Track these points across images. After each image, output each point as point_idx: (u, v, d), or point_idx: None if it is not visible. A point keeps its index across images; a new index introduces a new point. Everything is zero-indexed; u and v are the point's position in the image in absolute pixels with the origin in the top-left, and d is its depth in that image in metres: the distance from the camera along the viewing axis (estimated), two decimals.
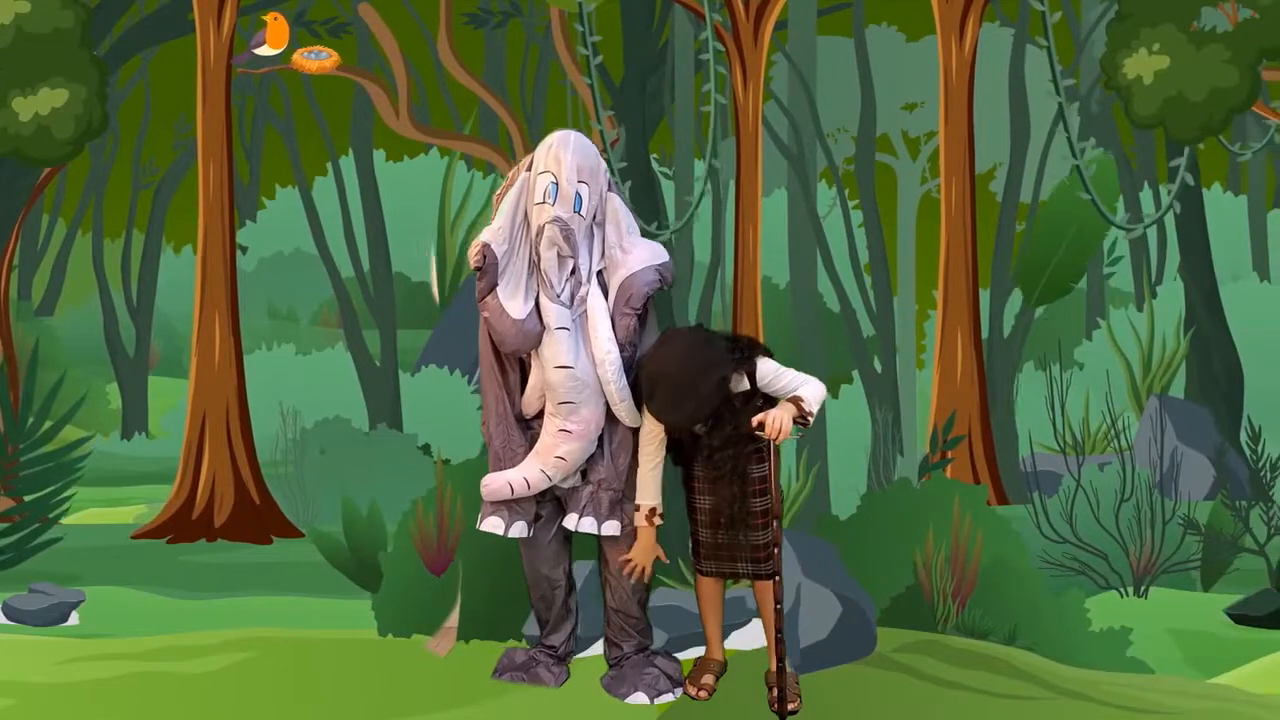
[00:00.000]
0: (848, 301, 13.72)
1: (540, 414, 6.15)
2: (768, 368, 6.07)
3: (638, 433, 6.11)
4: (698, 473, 6.15)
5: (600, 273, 6.11)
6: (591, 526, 6.13)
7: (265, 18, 12.04)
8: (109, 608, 8.78)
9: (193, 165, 11.87)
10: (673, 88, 13.54)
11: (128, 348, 17.01)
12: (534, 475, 6.09)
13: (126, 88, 16.94)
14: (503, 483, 6.12)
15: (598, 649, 6.48)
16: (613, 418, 6.09)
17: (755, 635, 6.53)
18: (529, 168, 6.12)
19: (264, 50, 11.99)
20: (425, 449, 12.53)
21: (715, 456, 6.05)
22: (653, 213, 12.12)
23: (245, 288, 12.25)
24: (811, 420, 5.99)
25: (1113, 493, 9.51)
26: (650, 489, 6.12)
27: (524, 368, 6.17)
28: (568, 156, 6.01)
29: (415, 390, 14.79)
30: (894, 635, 6.83)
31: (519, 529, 6.18)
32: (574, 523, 6.15)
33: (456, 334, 15.43)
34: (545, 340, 6.03)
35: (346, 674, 6.56)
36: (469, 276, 16.35)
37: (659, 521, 6.13)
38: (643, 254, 6.10)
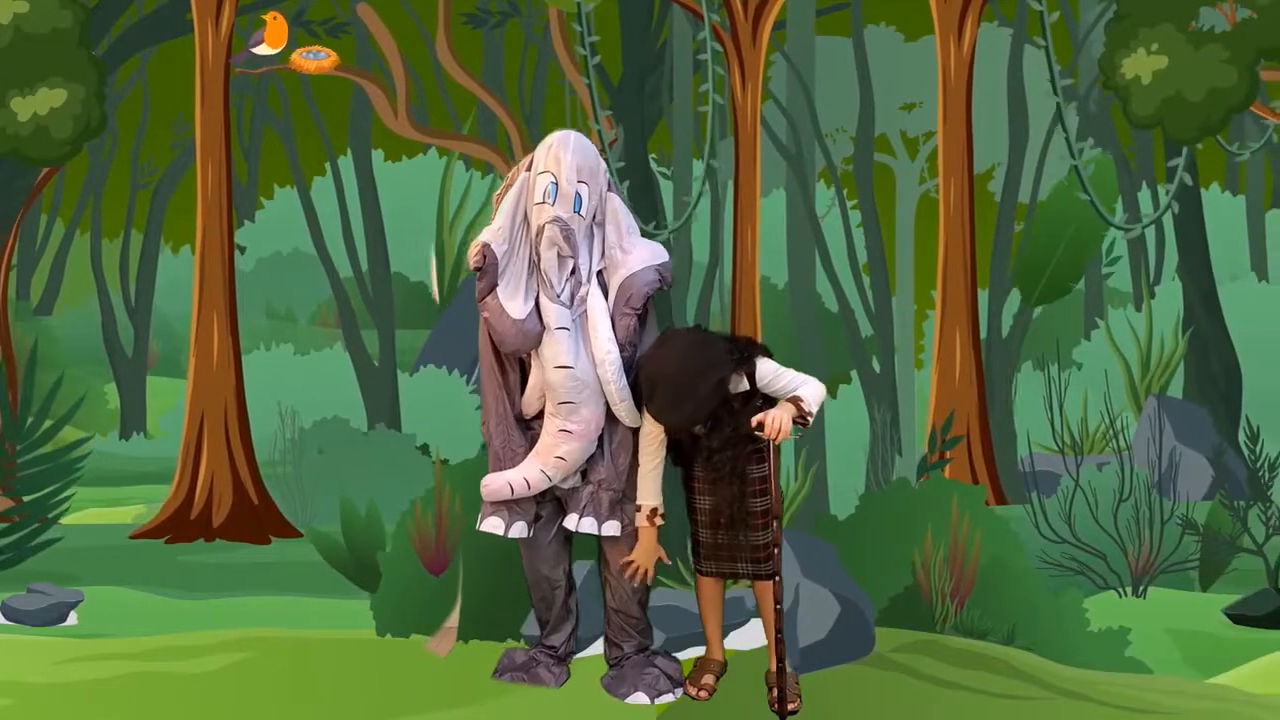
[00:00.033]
0: (846, 301, 13.71)
1: (540, 414, 6.14)
2: (767, 368, 6.06)
3: (638, 433, 6.11)
4: (697, 473, 6.14)
5: (600, 273, 6.10)
6: (592, 527, 6.12)
7: (265, 17, 12.04)
8: (107, 608, 8.78)
9: (191, 165, 11.85)
10: (671, 88, 13.54)
11: (126, 348, 16.99)
12: (534, 475, 6.08)
13: (125, 88, 16.93)
14: (503, 483, 6.11)
15: (598, 649, 6.48)
16: (613, 418, 6.08)
17: (755, 635, 6.53)
18: (529, 168, 6.12)
19: (262, 49, 11.99)
20: (423, 449, 12.52)
21: (715, 457, 6.04)
22: (651, 213, 12.13)
23: (244, 288, 12.24)
24: (811, 420, 5.98)
25: (1111, 493, 9.51)
26: (651, 489, 6.12)
27: (524, 368, 6.17)
28: (568, 156, 6.01)
29: (413, 390, 14.78)
30: (892, 635, 6.83)
31: (519, 529, 6.18)
32: (574, 523, 6.15)
33: (455, 334, 15.42)
34: (545, 340, 6.03)
35: (345, 674, 6.56)
36: (467, 276, 16.34)
37: (660, 522, 6.13)
38: (643, 254, 6.10)
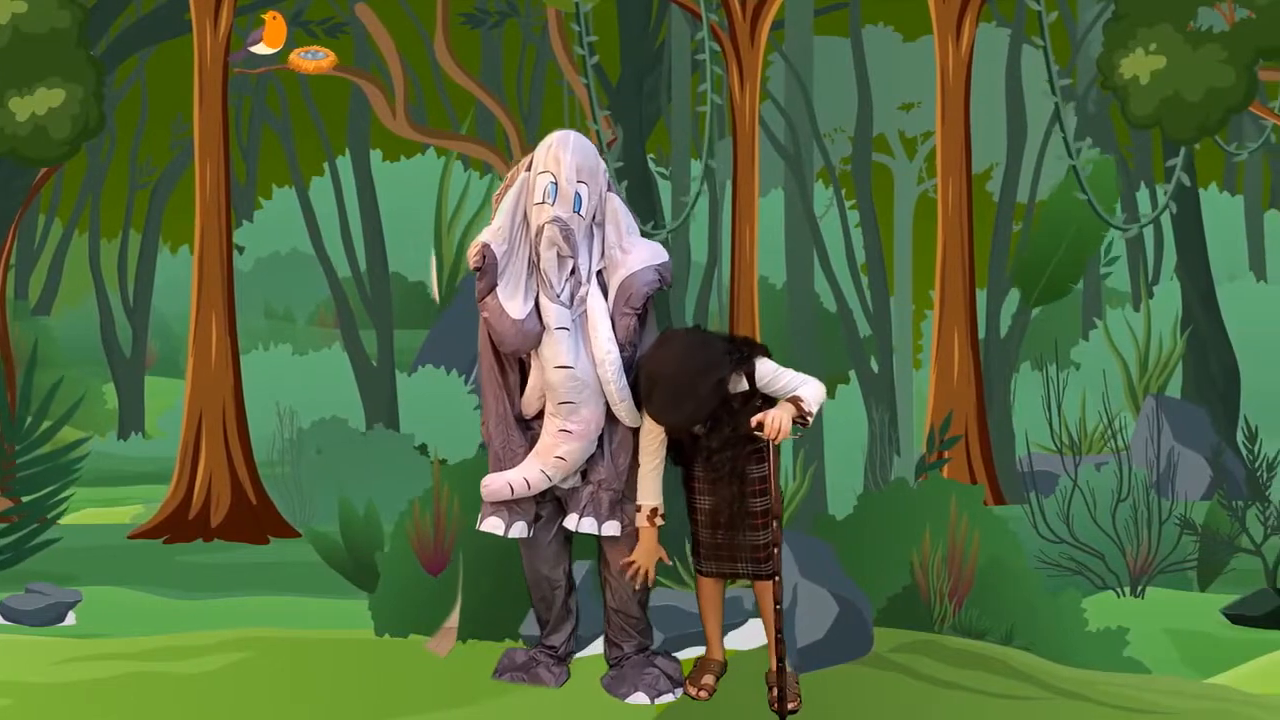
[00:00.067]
0: (844, 301, 13.71)
1: (540, 414, 6.14)
2: (766, 368, 6.06)
3: (638, 433, 6.11)
4: (697, 473, 6.14)
5: (600, 273, 6.10)
6: (592, 527, 6.12)
7: (263, 16, 12.04)
8: (106, 608, 8.77)
9: (189, 165, 11.85)
10: (669, 88, 13.54)
11: (124, 348, 16.98)
12: (534, 475, 6.08)
13: (123, 88, 16.94)
14: (503, 483, 6.11)
15: (598, 649, 6.48)
16: (613, 418, 6.08)
17: (754, 635, 6.53)
18: (528, 168, 6.11)
19: (260, 48, 11.99)
20: (422, 449, 12.51)
21: (714, 457, 6.04)
22: (649, 213, 12.13)
23: (242, 288, 12.22)
24: (811, 420, 5.98)
25: (1109, 493, 9.51)
26: (651, 489, 6.12)
27: (524, 368, 6.17)
28: (567, 156, 6.00)
29: (412, 390, 14.78)
30: (891, 635, 6.83)
31: (519, 529, 6.18)
32: (574, 523, 6.15)
33: (453, 334, 15.41)
34: (545, 340, 6.02)
35: (344, 674, 6.56)
36: (466, 276, 16.34)
37: (660, 522, 6.13)
38: (642, 254, 6.10)
